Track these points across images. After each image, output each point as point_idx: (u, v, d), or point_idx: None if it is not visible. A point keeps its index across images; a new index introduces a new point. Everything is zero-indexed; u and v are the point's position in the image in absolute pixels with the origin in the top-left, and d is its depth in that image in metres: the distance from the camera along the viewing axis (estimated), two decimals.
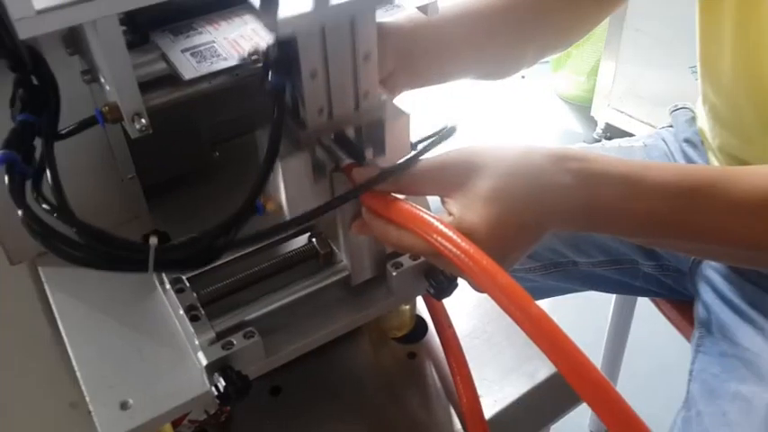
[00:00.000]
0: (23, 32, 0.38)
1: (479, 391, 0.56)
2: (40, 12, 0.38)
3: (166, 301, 0.57)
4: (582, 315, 1.64)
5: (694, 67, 1.83)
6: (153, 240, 0.42)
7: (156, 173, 0.67)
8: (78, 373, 0.56)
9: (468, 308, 0.64)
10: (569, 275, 0.94)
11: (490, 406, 0.56)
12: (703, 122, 0.90)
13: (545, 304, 1.01)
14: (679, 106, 0.98)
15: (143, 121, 0.46)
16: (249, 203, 0.44)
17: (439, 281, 0.55)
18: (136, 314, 0.60)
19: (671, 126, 0.98)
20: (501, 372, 0.60)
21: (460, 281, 0.55)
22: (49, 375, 0.64)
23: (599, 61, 2.22)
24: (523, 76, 2.66)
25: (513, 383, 0.59)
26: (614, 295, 1.12)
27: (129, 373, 0.56)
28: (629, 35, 2.03)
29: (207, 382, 0.51)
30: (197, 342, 0.51)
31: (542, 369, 0.60)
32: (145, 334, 0.58)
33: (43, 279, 0.64)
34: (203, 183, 0.70)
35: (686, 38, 0.85)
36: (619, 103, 2.19)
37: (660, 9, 1.85)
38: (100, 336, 0.59)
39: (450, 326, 0.59)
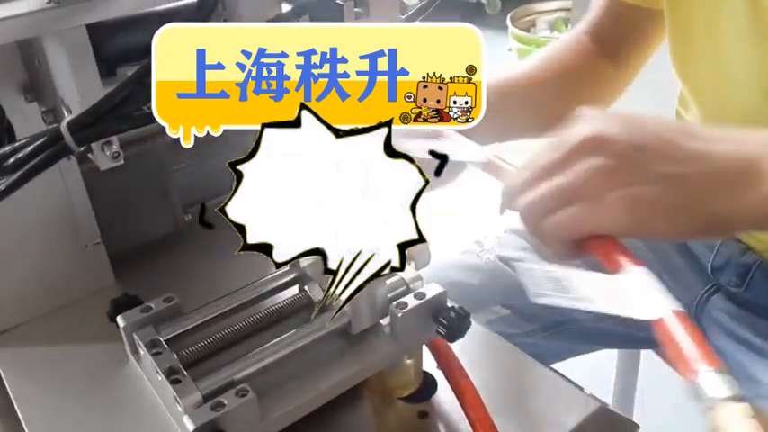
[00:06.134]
0: None
1: None
2: None
3: (141, 370, 0.50)
4: (585, 368, 1.57)
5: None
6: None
7: (123, 238, 0.61)
8: None
9: (477, 357, 0.58)
10: (572, 334, 0.88)
11: None
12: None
13: None
14: None
15: (114, 147, 0.41)
16: None
17: (449, 318, 0.49)
18: (106, 391, 0.53)
19: None
20: (526, 424, 0.53)
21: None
22: None
23: None
24: None
25: None
26: None
27: None
28: None
29: None
30: (180, 408, 0.44)
31: (571, 416, 0.53)
32: (118, 411, 0.51)
33: None
34: (175, 249, 0.64)
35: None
36: None
37: None
38: (66, 421, 0.51)
39: (465, 375, 0.52)
